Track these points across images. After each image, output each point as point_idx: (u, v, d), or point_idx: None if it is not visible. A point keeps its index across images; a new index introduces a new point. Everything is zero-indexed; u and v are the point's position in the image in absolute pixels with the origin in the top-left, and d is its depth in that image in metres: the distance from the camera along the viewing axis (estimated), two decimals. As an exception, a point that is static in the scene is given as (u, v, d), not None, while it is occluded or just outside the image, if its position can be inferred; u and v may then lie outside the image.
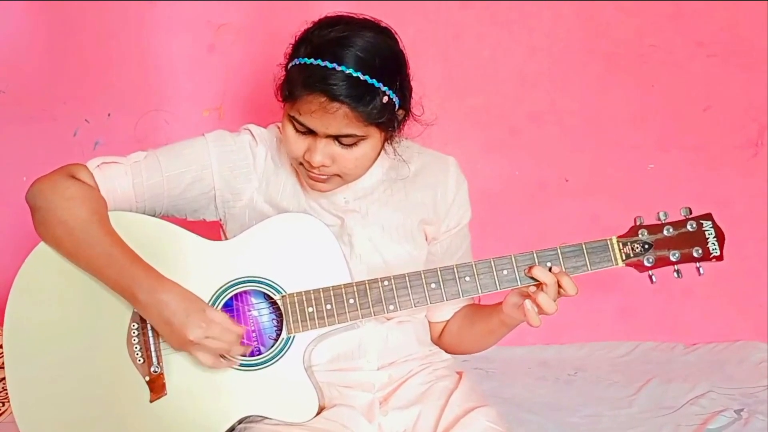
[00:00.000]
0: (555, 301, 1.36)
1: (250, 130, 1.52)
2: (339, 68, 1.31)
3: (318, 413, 1.39)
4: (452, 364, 1.59)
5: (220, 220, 1.53)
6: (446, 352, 1.61)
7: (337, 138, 1.36)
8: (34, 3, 2.24)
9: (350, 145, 1.37)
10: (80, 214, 1.36)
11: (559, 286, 1.35)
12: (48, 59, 2.26)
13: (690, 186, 2.40)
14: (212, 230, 1.53)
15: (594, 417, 1.98)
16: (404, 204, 1.53)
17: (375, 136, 1.39)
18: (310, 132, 1.36)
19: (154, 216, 1.46)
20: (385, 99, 1.35)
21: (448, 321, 1.61)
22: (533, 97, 2.37)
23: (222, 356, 1.36)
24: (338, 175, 1.41)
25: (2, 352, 2.12)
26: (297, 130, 1.38)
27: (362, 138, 1.37)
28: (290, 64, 1.39)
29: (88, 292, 1.39)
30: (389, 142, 1.47)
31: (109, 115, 2.28)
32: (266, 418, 1.39)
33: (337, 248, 1.40)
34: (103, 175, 1.43)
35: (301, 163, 1.41)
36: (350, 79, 1.31)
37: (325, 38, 1.35)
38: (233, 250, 1.41)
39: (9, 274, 1.43)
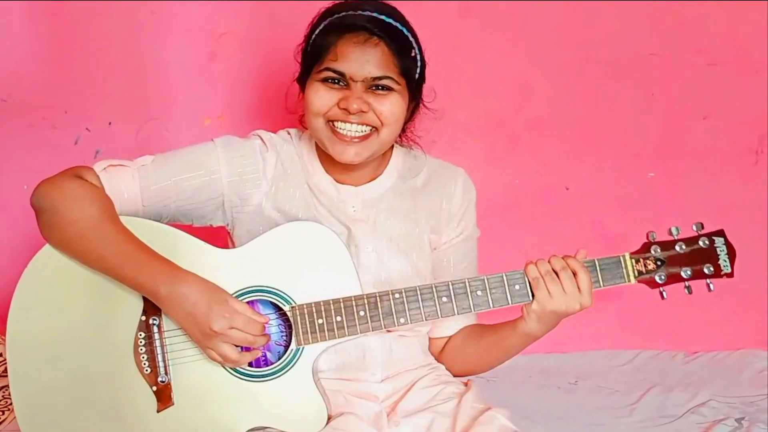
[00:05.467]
0: (572, 290, 1.33)
1: (259, 136, 1.51)
2: (373, 14, 1.38)
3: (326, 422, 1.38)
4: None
5: (227, 225, 1.51)
6: (448, 369, 1.58)
7: (371, 85, 1.38)
8: (35, 12, 2.24)
9: (383, 95, 1.39)
10: (90, 214, 1.35)
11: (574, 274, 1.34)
12: (49, 68, 2.26)
13: (690, 194, 2.40)
14: (217, 236, 1.52)
15: (595, 425, 1.97)
16: (412, 214, 1.53)
17: (403, 95, 1.42)
18: (343, 84, 1.38)
19: (160, 221, 1.44)
20: (413, 53, 1.42)
21: (450, 337, 1.58)
22: (533, 106, 2.38)
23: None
24: (375, 129, 1.40)
25: (2, 361, 2.12)
26: (328, 87, 1.39)
27: (394, 89, 1.39)
28: (317, 30, 1.42)
29: (93, 299, 1.38)
30: (407, 127, 1.51)
31: (110, 123, 2.28)
32: (274, 429, 1.38)
33: (347, 259, 1.39)
34: (110, 178, 1.41)
35: (329, 121, 1.41)
36: (384, 23, 1.38)
37: (347, 4, 1.42)
38: (243, 258, 1.40)
39: (9, 281, 1.43)
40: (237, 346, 1.34)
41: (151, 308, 1.37)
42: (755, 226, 2.40)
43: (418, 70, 1.45)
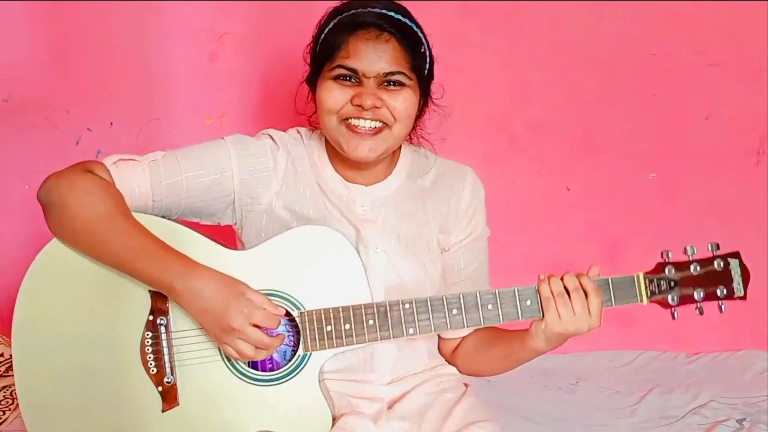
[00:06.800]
0: (581, 313, 1.32)
1: (270, 135, 1.50)
2: (383, 10, 1.39)
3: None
4: (459, 377, 1.57)
5: (235, 224, 1.50)
6: (459, 370, 1.57)
7: (383, 81, 1.38)
8: (35, 12, 2.24)
9: (395, 91, 1.39)
10: (101, 208, 1.32)
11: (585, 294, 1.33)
12: (50, 68, 2.26)
13: (691, 194, 2.40)
14: (223, 235, 1.51)
15: (596, 426, 1.97)
16: (421, 215, 1.52)
17: (415, 90, 1.42)
18: (356, 80, 1.38)
19: (169, 218, 1.43)
20: (423, 49, 1.43)
21: (463, 339, 1.56)
22: (533, 106, 2.38)
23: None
24: (387, 125, 1.40)
25: (3, 360, 2.12)
26: (341, 85, 1.39)
27: (406, 84, 1.40)
28: (326, 29, 1.42)
29: (100, 296, 1.37)
30: (417, 124, 1.50)
31: (111, 123, 2.28)
32: (277, 433, 1.37)
33: (359, 265, 1.37)
34: (120, 173, 1.39)
35: (344, 120, 1.40)
36: (394, 19, 1.39)
37: (355, 2, 1.42)
38: (253, 260, 1.38)
39: (11, 281, 1.42)
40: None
41: (158, 308, 1.36)
42: (755, 227, 2.40)
43: (427, 67, 1.45)
